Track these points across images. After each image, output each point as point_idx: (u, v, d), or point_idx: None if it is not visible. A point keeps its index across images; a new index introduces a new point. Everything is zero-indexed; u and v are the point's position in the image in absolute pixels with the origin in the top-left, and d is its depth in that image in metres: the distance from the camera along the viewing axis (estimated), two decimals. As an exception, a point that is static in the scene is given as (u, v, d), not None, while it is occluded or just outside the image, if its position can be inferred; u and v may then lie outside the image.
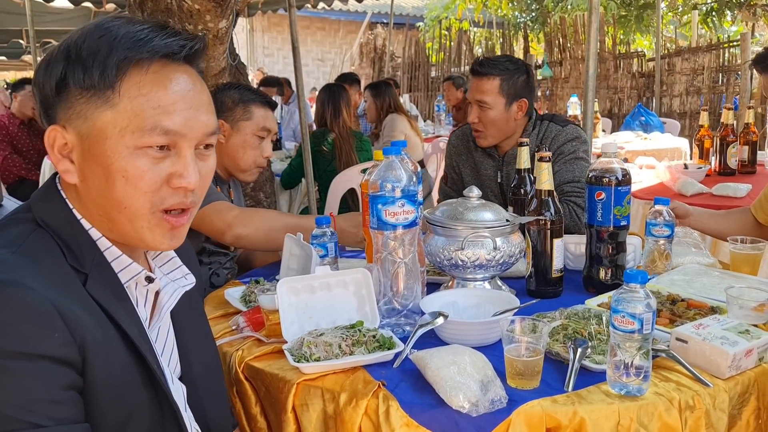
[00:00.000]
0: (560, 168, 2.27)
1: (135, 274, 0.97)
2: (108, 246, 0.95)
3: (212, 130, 0.96)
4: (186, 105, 0.91)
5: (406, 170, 1.43)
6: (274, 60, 15.47)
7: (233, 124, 2.17)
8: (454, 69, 10.58)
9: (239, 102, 2.18)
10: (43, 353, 0.81)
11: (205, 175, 0.97)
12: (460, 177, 2.56)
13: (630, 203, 1.66)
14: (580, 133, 2.36)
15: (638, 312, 1.12)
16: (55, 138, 0.91)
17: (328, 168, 4.01)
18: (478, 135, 2.38)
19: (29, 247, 0.88)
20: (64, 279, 0.88)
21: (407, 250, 1.44)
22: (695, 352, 1.23)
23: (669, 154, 4.74)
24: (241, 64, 3.44)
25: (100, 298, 0.90)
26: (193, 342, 1.11)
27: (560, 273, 1.68)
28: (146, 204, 0.91)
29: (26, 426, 0.79)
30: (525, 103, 2.33)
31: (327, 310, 1.43)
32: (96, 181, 0.90)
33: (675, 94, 7.87)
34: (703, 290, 1.61)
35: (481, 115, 2.31)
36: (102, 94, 0.88)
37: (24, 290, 0.81)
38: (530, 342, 1.20)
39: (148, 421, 0.93)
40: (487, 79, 2.30)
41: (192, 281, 1.06)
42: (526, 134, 2.35)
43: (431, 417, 1.12)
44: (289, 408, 1.22)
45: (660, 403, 1.13)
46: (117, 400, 0.89)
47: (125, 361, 0.91)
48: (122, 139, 0.88)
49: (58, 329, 0.82)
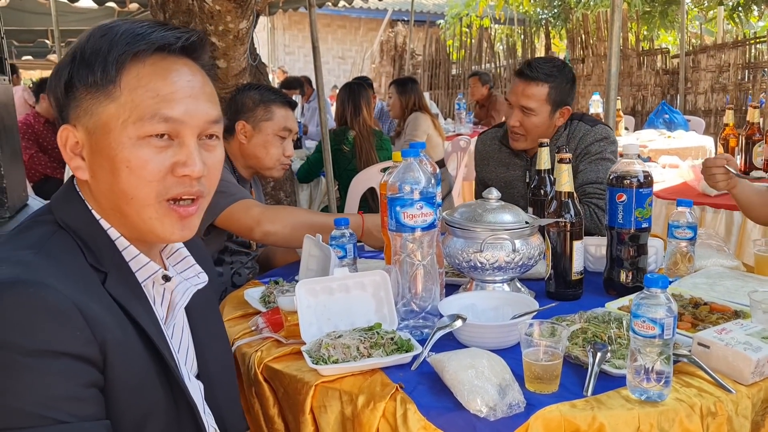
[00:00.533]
0: (585, 168, 2.25)
1: (152, 273, 0.99)
2: (126, 245, 0.97)
3: (214, 119, 0.97)
4: (185, 94, 0.93)
5: (424, 172, 1.43)
6: (295, 58, 15.53)
7: (254, 125, 2.19)
8: (474, 66, 10.53)
9: (260, 102, 2.20)
10: (65, 350, 0.82)
11: (212, 166, 0.98)
12: (486, 184, 2.53)
13: (651, 205, 1.64)
14: (609, 133, 2.31)
15: (659, 317, 1.11)
16: (67, 137, 0.94)
17: (348, 167, 4.02)
18: (515, 138, 2.33)
19: (51, 248, 0.90)
20: (85, 279, 0.90)
21: (426, 252, 1.44)
22: (718, 358, 1.22)
23: (693, 153, 4.68)
24: (261, 63, 3.46)
25: (119, 296, 0.92)
26: (209, 340, 1.13)
27: (580, 275, 1.67)
28: (152, 194, 0.92)
29: (49, 422, 0.80)
30: (568, 110, 2.30)
31: (345, 311, 1.43)
32: (104, 174, 0.93)
33: (700, 91, 7.75)
34: (726, 294, 1.58)
35: (524, 120, 2.26)
36: (105, 90, 0.91)
37: (46, 290, 0.82)
38: (549, 346, 1.19)
39: (165, 420, 0.94)
40: (535, 84, 2.24)
41: (204, 280, 1.08)
42: (558, 134, 2.32)
43: (449, 420, 1.12)
44: (307, 409, 1.22)
45: (681, 409, 1.11)
46: (135, 398, 0.90)
47: (143, 359, 0.92)
48: (125, 131, 0.90)
49: (79, 327, 0.83)
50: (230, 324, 1.60)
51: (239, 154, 2.22)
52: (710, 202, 2.99)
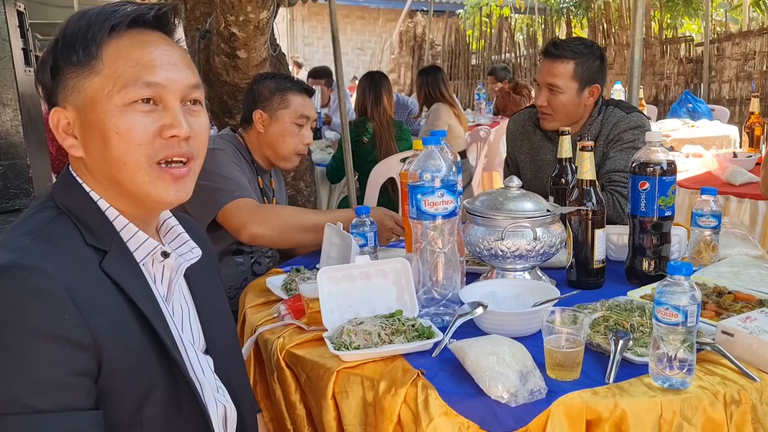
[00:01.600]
0: (614, 155, 2.21)
1: (151, 250, 1.01)
2: (125, 224, 0.99)
3: (194, 84, 1.00)
4: (164, 61, 0.97)
5: (445, 160, 1.43)
6: (314, 49, 15.53)
7: (271, 114, 2.18)
8: (494, 57, 10.47)
9: (276, 91, 2.19)
10: (53, 333, 0.83)
11: (198, 130, 1.01)
12: (516, 163, 2.52)
13: (675, 193, 1.62)
14: (644, 122, 2.27)
15: (682, 304, 1.10)
16: (58, 119, 0.98)
17: (368, 158, 4.02)
18: (544, 117, 2.30)
19: (49, 233, 0.92)
20: (81, 262, 0.92)
21: (446, 240, 1.44)
22: (742, 346, 1.21)
23: (717, 142, 4.61)
24: (281, 54, 3.46)
25: (116, 276, 0.93)
26: (213, 315, 1.15)
27: (602, 264, 1.66)
28: (142, 157, 0.95)
29: (28, 410, 0.81)
30: (597, 88, 2.25)
31: (366, 299, 1.44)
32: (95, 146, 0.96)
33: (724, 79, 7.64)
34: (750, 282, 1.56)
35: (551, 99, 2.24)
36: (88, 66, 0.95)
37: (37, 274, 0.84)
38: (570, 333, 1.19)
39: (164, 397, 0.95)
40: (561, 62, 2.22)
41: (198, 254, 1.09)
42: (591, 119, 2.28)
43: (470, 406, 1.12)
44: (329, 395, 1.24)
45: (704, 397, 1.11)
46: (133, 377, 0.91)
47: (140, 339, 0.93)
48: (111, 101, 0.94)
49: (68, 311, 0.84)
50: (252, 311, 1.62)
51: (257, 144, 2.23)
52: (735, 192, 2.95)
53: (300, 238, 1.99)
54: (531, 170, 2.45)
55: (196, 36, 3.13)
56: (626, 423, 1.08)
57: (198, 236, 1.17)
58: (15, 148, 2.20)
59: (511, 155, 2.55)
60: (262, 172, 2.26)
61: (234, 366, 1.17)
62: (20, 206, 2.21)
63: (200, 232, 1.24)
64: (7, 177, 2.20)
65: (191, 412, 0.98)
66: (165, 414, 0.95)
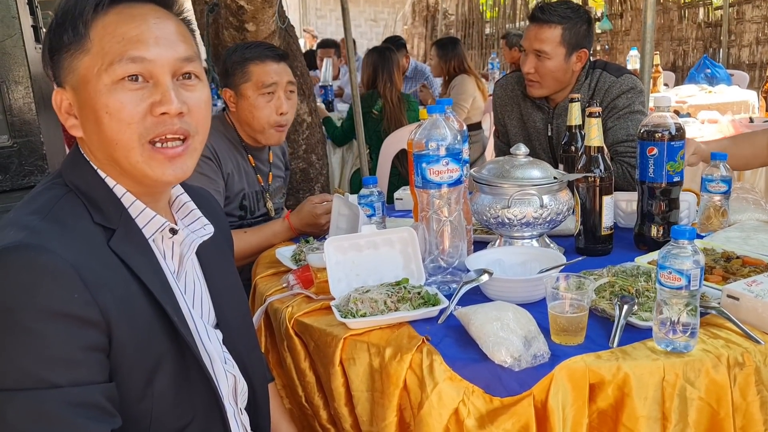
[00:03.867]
0: (614, 124, 2.16)
1: (159, 227, 1.01)
2: (133, 201, 0.99)
3: (184, 57, 0.97)
4: (151, 35, 0.95)
5: (450, 129, 1.43)
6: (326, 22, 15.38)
7: (236, 90, 2.09)
8: (509, 25, 10.31)
9: (237, 65, 2.08)
10: (63, 311, 0.84)
11: (195, 105, 0.98)
12: (506, 130, 2.47)
13: (684, 158, 1.61)
14: (635, 82, 2.22)
15: (686, 268, 1.10)
16: (60, 100, 0.98)
17: (378, 129, 4.02)
18: (531, 85, 2.25)
19: (57, 212, 0.93)
20: (89, 240, 0.92)
21: (453, 209, 1.44)
22: (747, 309, 1.21)
23: (735, 108, 4.53)
24: (290, 26, 3.44)
25: (124, 254, 0.94)
26: (224, 290, 1.15)
27: (610, 231, 1.66)
28: (134, 136, 0.94)
29: (44, 384, 0.83)
30: (585, 53, 2.21)
31: (373, 268, 1.45)
32: (90, 125, 0.96)
33: (744, 44, 7.47)
34: (760, 247, 1.56)
35: (538, 66, 2.19)
36: (79, 45, 0.94)
37: (46, 253, 0.85)
38: (574, 298, 1.19)
39: (172, 371, 0.96)
40: (548, 27, 2.17)
41: (210, 231, 1.10)
42: (578, 84, 2.24)
43: (474, 371, 1.14)
44: (336, 362, 1.26)
45: (707, 360, 1.11)
46: (142, 353, 0.93)
47: (148, 314, 0.94)
48: (100, 79, 0.93)
49: (77, 290, 0.85)
50: (263, 281, 1.64)
51: (237, 123, 2.15)
52: (750, 157, 2.91)
53: (246, 261, 1.95)
54: (522, 137, 2.40)
55: (205, 10, 3.12)
56: (629, 386, 1.09)
57: (211, 211, 1.18)
58: (28, 126, 2.23)
59: (501, 121, 2.48)
60: (252, 150, 2.19)
61: (245, 340, 1.18)
62: (35, 183, 2.24)
63: (214, 206, 1.24)
64: (21, 154, 2.23)
65: (200, 385, 1.00)
66: (174, 386, 0.97)
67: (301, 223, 1.95)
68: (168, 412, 0.96)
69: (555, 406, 1.09)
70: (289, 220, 1.97)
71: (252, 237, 1.97)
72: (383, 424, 1.20)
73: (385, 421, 1.20)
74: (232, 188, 2.09)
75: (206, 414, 1.02)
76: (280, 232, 1.97)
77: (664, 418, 1.10)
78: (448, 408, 1.13)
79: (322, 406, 1.37)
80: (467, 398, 1.13)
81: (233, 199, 2.11)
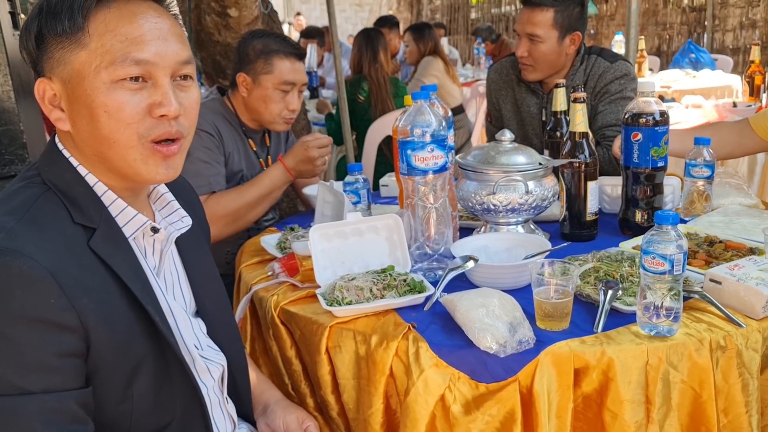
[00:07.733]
0: (604, 108, 2.18)
1: (140, 225, 1.00)
2: (114, 199, 0.98)
3: (184, 60, 0.97)
4: (154, 36, 0.93)
5: (435, 115, 1.42)
6: (311, 7, 15.25)
7: (255, 78, 2.08)
8: (494, 10, 10.28)
9: (261, 54, 2.08)
10: (38, 317, 0.83)
11: (189, 106, 0.98)
12: (500, 114, 2.47)
13: (668, 144, 1.61)
14: (629, 69, 2.23)
15: (669, 253, 1.11)
16: (44, 90, 0.95)
17: (364, 116, 3.99)
18: (525, 68, 2.25)
19: (34, 213, 0.90)
20: (68, 242, 0.90)
21: (438, 196, 1.44)
22: (729, 293, 1.22)
23: (718, 93, 4.56)
24: (274, 12, 3.41)
25: (104, 254, 0.92)
26: (203, 279, 1.15)
27: (595, 216, 1.66)
28: (133, 136, 0.93)
29: (15, 391, 0.82)
30: (578, 36, 2.21)
31: (359, 255, 1.45)
32: (84, 122, 0.93)
33: (728, 28, 7.49)
34: (742, 231, 1.57)
35: (532, 49, 2.19)
36: (74, 38, 0.91)
37: (21, 258, 0.83)
38: (559, 284, 1.20)
39: (153, 371, 0.96)
40: (540, 10, 2.16)
41: (188, 224, 1.09)
42: (573, 69, 2.24)
43: (460, 357, 1.15)
44: (322, 350, 1.26)
45: (690, 344, 1.12)
46: (123, 355, 0.92)
47: (128, 317, 0.93)
48: (98, 76, 0.91)
49: (54, 295, 0.84)
50: (248, 270, 1.63)
51: (243, 107, 2.16)
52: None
53: (253, 215, 1.98)
54: (516, 122, 2.41)
55: (187, -5, 3.08)
56: (613, 370, 1.10)
57: (188, 199, 1.17)
58: (7, 114, 2.19)
59: (495, 105, 2.49)
60: (252, 133, 2.20)
61: (224, 328, 1.18)
62: (16, 172, 2.21)
63: (191, 196, 1.23)
64: (1, 143, 2.20)
65: (181, 383, 1.00)
66: (155, 387, 0.96)
67: (295, 161, 1.99)
68: (148, 412, 0.96)
69: (540, 391, 1.10)
70: (282, 161, 1.99)
71: (252, 189, 2.00)
72: (370, 412, 1.21)
73: (372, 408, 1.20)
74: (231, 167, 2.09)
75: (187, 412, 1.01)
76: (276, 177, 1.99)
77: (647, 402, 1.11)
78: (434, 395, 1.14)
79: (308, 394, 1.37)
80: (453, 385, 1.14)
81: (230, 178, 2.10)
